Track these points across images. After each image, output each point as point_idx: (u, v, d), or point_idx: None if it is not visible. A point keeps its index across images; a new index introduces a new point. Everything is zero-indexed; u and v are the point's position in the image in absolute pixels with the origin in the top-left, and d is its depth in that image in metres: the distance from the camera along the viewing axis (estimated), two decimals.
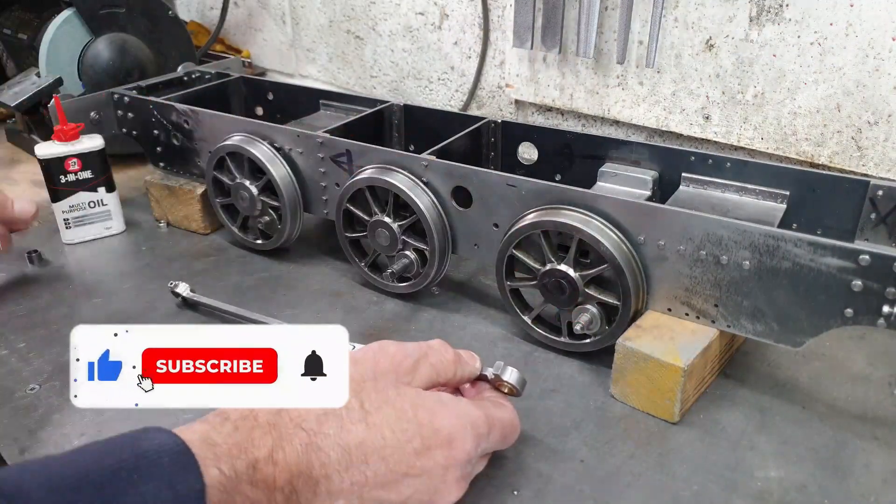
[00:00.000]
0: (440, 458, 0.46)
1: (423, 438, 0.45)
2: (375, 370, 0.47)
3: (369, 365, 0.48)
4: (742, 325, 0.58)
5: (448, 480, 0.46)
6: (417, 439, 0.45)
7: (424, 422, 0.46)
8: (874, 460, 0.55)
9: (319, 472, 0.42)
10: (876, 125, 0.77)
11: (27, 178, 1.12)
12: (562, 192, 0.63)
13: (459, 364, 0.52)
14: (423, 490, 0.45)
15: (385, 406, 0.45)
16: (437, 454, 0.45)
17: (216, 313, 0.74)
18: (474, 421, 0.48)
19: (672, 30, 0.88)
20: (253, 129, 0.83)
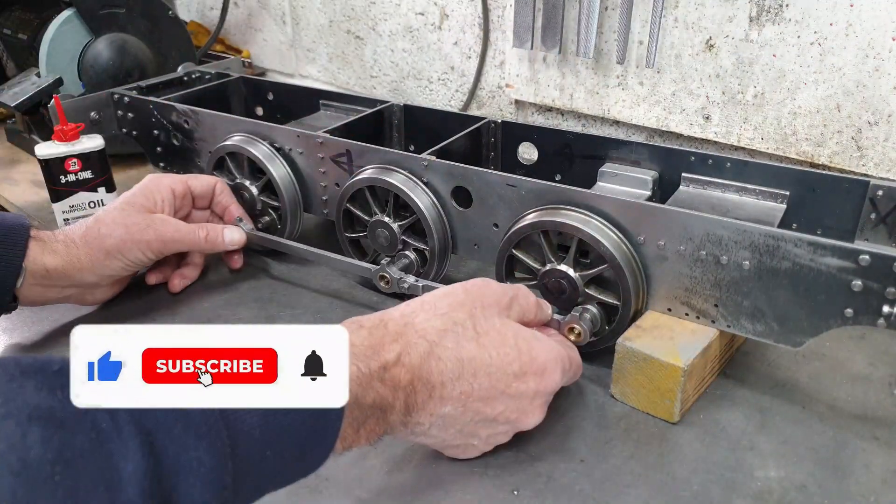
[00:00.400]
0: (532, 384, 0.52)
1: (522, 364, 0.51)
2: (483, 300, 0.53)
3: (478, 295, 0.54)
4: (742, 325, 0.58)
5: (535, 405, 0.53)
6: (517, 364, 0.51)
7: (524, 350, 0.52)
8: (874, 460, 0.55)
9: (436, 379, 0.48)
10: (876, 125, 0.77)
11: (27, 178, 1.12)
12: (562, 193, 0.63)
13: (539, 308, 0.59)
14: (513, 409, 0.52)
15: (492, 331, 0.52)
16: (530, 380, 0.52)
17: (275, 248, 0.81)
18: (562, 356, 0.55)
19: (672, 30, 0.88)
20: (253, 129, 0.83)
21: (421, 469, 0.54)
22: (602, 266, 0.61)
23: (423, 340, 0.48)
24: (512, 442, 0.56)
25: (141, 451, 0.34)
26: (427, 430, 0.50)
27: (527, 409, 0.53)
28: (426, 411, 0.48)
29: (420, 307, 0.52)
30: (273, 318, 0.75)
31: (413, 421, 0.48)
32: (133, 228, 0.70)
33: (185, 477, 0.35)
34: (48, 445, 0.32)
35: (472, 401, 0.50)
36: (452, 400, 0.49)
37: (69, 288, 0.69)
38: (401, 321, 0.49)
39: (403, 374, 0.46)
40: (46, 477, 0.31)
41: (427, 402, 0.48)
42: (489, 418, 0.51)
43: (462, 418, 0.50)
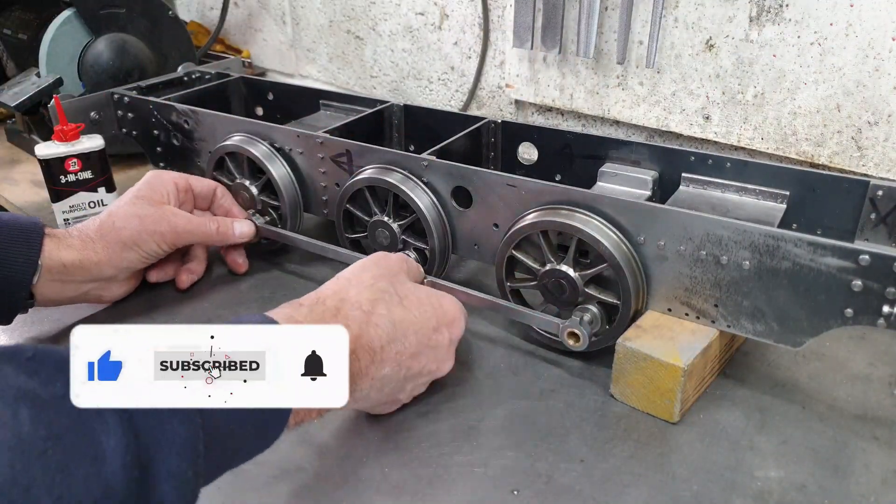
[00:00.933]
0: (447, 334, 0.58)
1: (437, 318, 0.58)
2: (393, 269, 0.59)
3: (388, 265, 0.60)
4: (742, 325, 0.58)
5: (449, 352, 0.59)
6: (434, 319, 0.57)
7: (436, 305, 0.58)
8: (874, 460, 0.55)
9: (376, 344, 0.52)
10: (876, 125, 0.77)
11: (27, 178, 1.12)
12: (562, 192, 0.63)
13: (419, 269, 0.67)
14: (433, 360, 0.57)
15: (410, 294, 0.57)
16: (444, 331, 0.58)
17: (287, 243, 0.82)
18: (460, 306, 0.62)
19: (672, 30, 0.88)
20: (253, 129, 0.83)
21: (421, 469, 0.54)
22: (602, 266, 0.61)
23: (360, 311, 0.53)
24: (512, 442, 0.57)
25: (121, 427, 0.36)
26: (367, 395, 0.53)
27: (443, 358, 0.59)
28: (368, 376, 0.51)
29: (347, 282, 0.56)
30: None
31: (356, 387, 0.51)
32: (147, 220, 0.72)
33: (162, 448, 0.37)
34: (38, 423, 0.33)
35: (404, 358, 0.54)
36: (390, 361, 0.53)
37: (86, 283, 0.69)
38: (336, 297, 0.53)
39: None
40: (40, 452, 0.33)
41: (369, 367, 0.51)
42: (416, 372, 0.56)
43: (396, 377, 0.54)
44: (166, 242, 0.73)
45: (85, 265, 0.67)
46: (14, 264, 0.62)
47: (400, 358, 0.54)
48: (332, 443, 0.57)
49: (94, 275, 0.69)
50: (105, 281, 0.71)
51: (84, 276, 0.68)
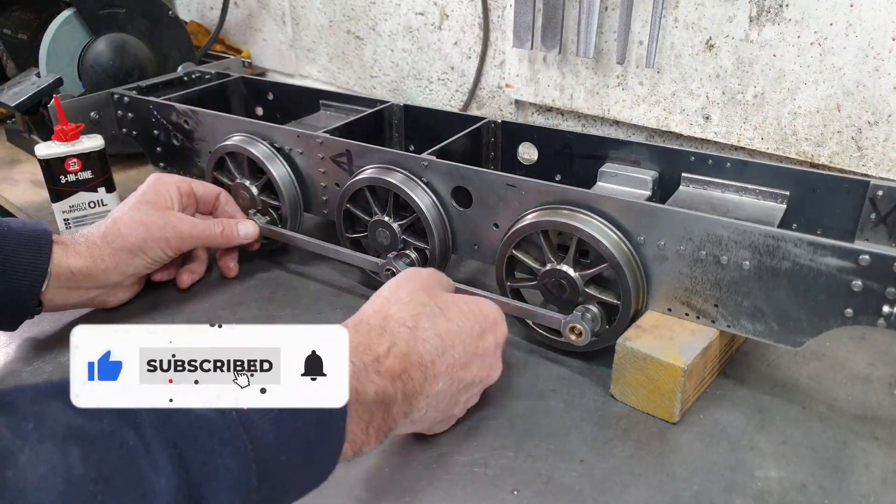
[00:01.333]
0: (491, 339, 0.56)
1: (480, 324, 0.56)
2: (428, 283, 0.58)
3: (422, 279, 0.58)
4: (742, 325, 0.58)
5: (496, 357, 0.58)
6: (477, 326, 0.56)
7: (476, 311, 0.57)
8: (874, 460, 0.55)
9: (427, 359, 0.50)
10: (876, 125, 0.77)
11: (27, 178, 1.12)
12: (562, 193, 0.63)
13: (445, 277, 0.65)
14: (483, 367, 0.56)
15: (450, 303, 0.56)
16: (489, 336, 0.56)
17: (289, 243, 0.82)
18: (497, 307, 0.60)
19: (672, 30, 0.88)
20: (253, 129, 0.83)
21: (421, 469, 0.54)
22: (602, 265, 0.61)
23: (405, 327, 0.51)
24: (512, 442, 0.57)
25: (170, 463, 0.34)
26: (424, 415, 0.52)
27: (492, 364, 0.57)
28: (423, 394, 0.50)
29: (387, 300, 0.55)
30: (273, 318, 0.75)
31: (414, 407, 0.50)
32: (152, 227, 0.72)
33: (213, 483, 0.36)
34: (87, 464, 0.32)
35: (456, 370, 0.53)
36: (442, 375, 0.52)
37: (93, 290, 0.70)
38: (378, 316, 0.52)
39: (397, 363, 0.48)
40: (90, 496, 0.31)
41: (423, 384, 0.50)
42: (468, 383, 0.55)
43: (450, 391, 0.53)
44: (171, 248, 0.74)
45: (92, 272, 0.68)
46: (24, 272, 0.63)
47: (451, 371, 0.52)
48: None
49: (101, 282, 0.70)
50: (111, 287, 0.72)
51: (91, 283, 0.69)
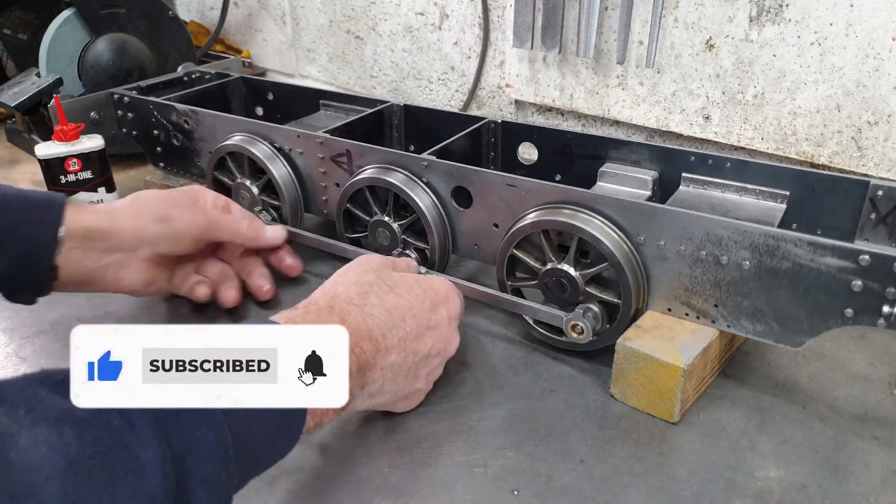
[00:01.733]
0: (444, 312, 0.58)
1: (431, 298, 0.58)
2: (376, 264, 0.60)
3: (371, 262, 0.60)
4: (742, 325, 0.58)
5: (452, 329, 0.60)
6: (428, 300, 0.58)
7: (426, 287, 0.59)
8: (874, 460, 0.55)
9: (377, 332, 0.52)
10: (876, 125, 0.77)
11: (27, 178, 1.12)
12: (562, 192, 0.63)
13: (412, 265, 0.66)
14: (438, 339, 0.58)
15: (400, 281, 0.58)
16: (441, 310, 0.58)
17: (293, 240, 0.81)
18: (451, 284, 0.62)
19: (672, 30, 0.88)
20: (253, 129, 0.83)
21: (421, 469, 0.54)
22: (602, 265, 0.61)
23: (352, 305, 0.53)
24: (512, 442, 0.57)
25: (155, 439, 0.36)
26: (381, 387, 0.53)
27: (448, 336, 0.59)
28: (377, 366, 0.52)
29: (334, 283, 0.57)
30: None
31: (369, 380, 0.51)
32: (181, 201, 0.71)
33: (196, 454, 0.37)
34: (82, 442, 0.34)
35: (408, 342, 0.55)
36: (395, 347, 0.53)
37: (106, 254, 0.66)
38: (327, 296, 0.54)
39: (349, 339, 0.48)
40: (88, 471, 0.33)
41: (375, 356, 0.52)
42: (424, 354, 0.56)
43: (405, 363, 0.55)
44: (197, 227, 0.70)
45: (109, 231, 0.65)
46: (36, 228, 0.61)
47: (404, 343, 0.54)
48: (332, 443, 0.57)
49: (117, 243, 0.66)
50: (127, 255, 0.67)
51: (106, 244, 0.66)
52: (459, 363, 0.66)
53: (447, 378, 0.64)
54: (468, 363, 0.66)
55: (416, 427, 0.58)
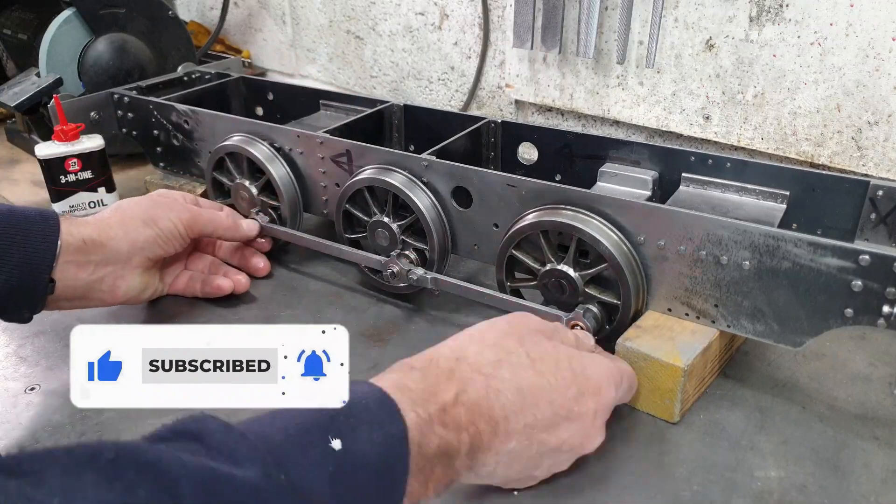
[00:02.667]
0: (591, 404, 0.50)
1: (578, 385, 0.49)
2: (528, 327, 0.52)
3: (523, 323, 0.52)
4: (742, 325, 0.58)
5: (596, 425, 0.51)
6: (574, 386, 0.49)
7: (578, 370, 0.50)
8: (874, 460, 0.55)
9: (499, 414, 0.45)
10: (876, 125, 0.77)
11: (27, 178, 1.12)
12: (562, 192, 0.63)
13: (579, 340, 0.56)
14: (576, 434, 0.49)
15: (546, 355, 0.49)
16: (588, 400, 0.49)
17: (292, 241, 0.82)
18: (613, 371, 0.53)
19: (672, 30, 0.88)
20: (253, 129, 0.83)
21: None
22: (602, 266, 0.61)
23: (479, 374, 0.46)
24: None
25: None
26: (493, 471, 0.47)
27: (590, 432, 0.50)
28: (492, 451, 0.45)
29: (468, 340, 0.50)
30: (273, 318, 0.75)
31: (479, 462, 0.45)
32: (160, 201, 0.73)
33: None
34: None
35: (536, 432, 0.47)
36: (517, 434, 0.46)
37: (102, 265, 0.66)
38: (452, 356, 0.47)
39: (464, 414, 0.43)
40: None
41: (492, 441, 0.45)
42: (552, 448, 0.48)
43: (527, 452, 0.47)
44: (183, 223, 0.72)
45: (102, 241, 0.66)
46: (37, 239, 0.61)
47: (530, 432, 0.46)
48: None
49: (112, 252, 0.66)
50: (121, 265, 0.68)
51: (101, 255, 0.66)
52: None
53: None
54: None
55: None
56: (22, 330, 0.72)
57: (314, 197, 0.82)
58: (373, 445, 0.38)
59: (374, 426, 0.39)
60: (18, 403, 0.62)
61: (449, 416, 0.42)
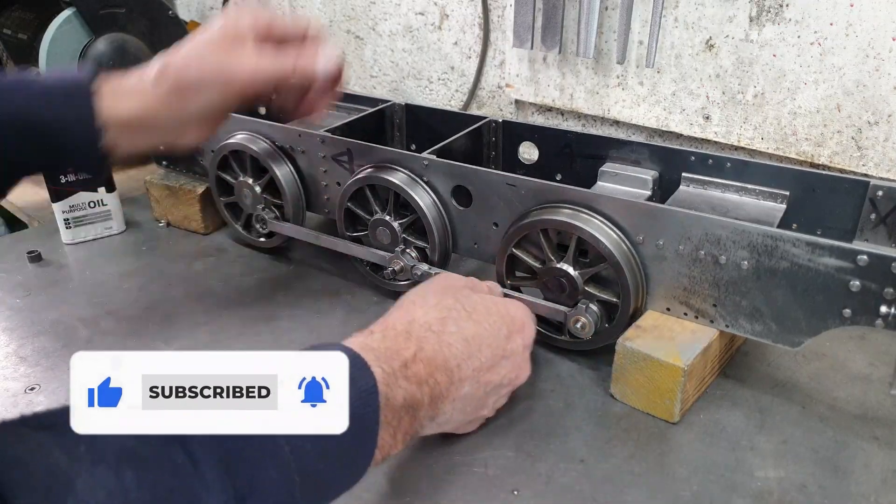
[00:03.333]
0: (519, 341, 0.56)
1: (507, 326, 0.56)
2: (456, 286, 0.59)
3: (450, 283, 0.59)
4: (740, 324, 0.58)
5: (524, 358, 0.57)
6: (504, 328, 0.56)
7: (504, 313, 0.56)
8: (874, 460, 0.55)
9: (452, 363, 0.50)
10: (876, 125, 0.77)
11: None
12: (562, 192, 0.63)
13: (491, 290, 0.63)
14: (510, 368, 0.56)
15: (478, 306, 0.56)
16: (517, 338, 0.56)
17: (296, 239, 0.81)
18: (527, 309, 0.60)
19: (672, 30, 0.88)
20: (255, 127, 0.83)
21: (421, 469, 0.54)
22: (601, 264, 0.61)
23: (430, 332, 0.51)
24: (512, 441, 0.57)
25: (219, 480, 0.35)
26: (450, 417, 0.52)
27: (521, 365, 0.57)
28: (449, 398, 0.50)
29: (412, 305, 0.55)
30: (273, 317, 0.75)
31: (440, 411, 0.50)
32: (205, 68, 0.60)
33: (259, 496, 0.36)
34: (142, 486, 0.32)
35: (482, 374, 0.53)
36: (468, 379, 0.52)
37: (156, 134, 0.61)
38: (404, 320, 0.52)
39: (423, 368, 0.48)
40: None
41: (449, 388, 0.50)
42: (496, 385, 0.55)
43: (477, 394, 0.53)
44: (231, 92, 0.60)
45: (146, 120, 0.59)
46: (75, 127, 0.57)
47: (478, 374, 0.52)
48: None
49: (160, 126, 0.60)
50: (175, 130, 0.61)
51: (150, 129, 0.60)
52: None
53: None
54: None
55: None
56: (22, 330, 0.72)
57: (316, 195, 0.82)
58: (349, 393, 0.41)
59: None
60: (19, 403, 0.62)
61: (410, 371, 0.47)
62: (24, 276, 0.83)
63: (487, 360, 0.53)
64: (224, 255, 0.88)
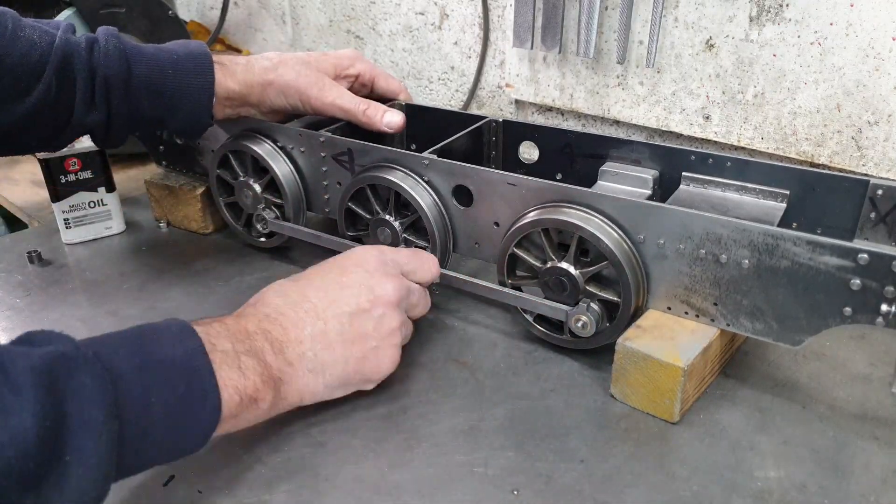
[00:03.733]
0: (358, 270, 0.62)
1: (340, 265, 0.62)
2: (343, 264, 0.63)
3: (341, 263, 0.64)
4: (741, 323, 0.58)
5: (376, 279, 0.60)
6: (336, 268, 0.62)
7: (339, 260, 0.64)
8: (874, 460, 0.55)
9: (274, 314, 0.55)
10: (876, 125, 0.77)
11: (27, 178, 1.12)
12: (562, 191, 0.63)
13: None
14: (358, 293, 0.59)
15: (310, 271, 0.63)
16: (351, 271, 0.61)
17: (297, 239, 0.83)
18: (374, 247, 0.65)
19: (672, 30, 0.88)
20: (256, 127, 0.83)
21: (421, 469, 0.54)
22: (602, 264, 0.61)
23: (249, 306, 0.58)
24: (512, 442, 0.57)
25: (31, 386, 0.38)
26: (321, 359, 0.55)
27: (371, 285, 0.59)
28: (293, 339, 0.54)
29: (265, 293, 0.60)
30: None
31: (294, 355, 0.54)
32: (302, 80, 0.78)
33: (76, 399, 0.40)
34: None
35: (320, 310, 0.56)
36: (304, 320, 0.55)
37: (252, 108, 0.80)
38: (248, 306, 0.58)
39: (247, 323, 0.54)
40: None
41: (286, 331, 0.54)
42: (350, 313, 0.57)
43: (330, 329, 0.56)
44: (311, 108, 0.79)
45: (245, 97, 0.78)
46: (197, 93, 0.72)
47: (315, 312, 0.56)
48: (331, 442, 0.57)
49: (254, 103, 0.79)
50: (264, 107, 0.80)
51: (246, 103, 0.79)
52: (460, 363, 0.66)
53: (447, 377, 0.64)
54: (468, 363, 0.66)
55: (417, 427, 0.58)
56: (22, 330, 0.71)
57: (316, 195, 0.82)
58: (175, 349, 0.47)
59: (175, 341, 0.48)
60: None
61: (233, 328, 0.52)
62: (24, 276, 0.83)
63: (321, 299, 0.57)
64: (224, 255, 0.88)
